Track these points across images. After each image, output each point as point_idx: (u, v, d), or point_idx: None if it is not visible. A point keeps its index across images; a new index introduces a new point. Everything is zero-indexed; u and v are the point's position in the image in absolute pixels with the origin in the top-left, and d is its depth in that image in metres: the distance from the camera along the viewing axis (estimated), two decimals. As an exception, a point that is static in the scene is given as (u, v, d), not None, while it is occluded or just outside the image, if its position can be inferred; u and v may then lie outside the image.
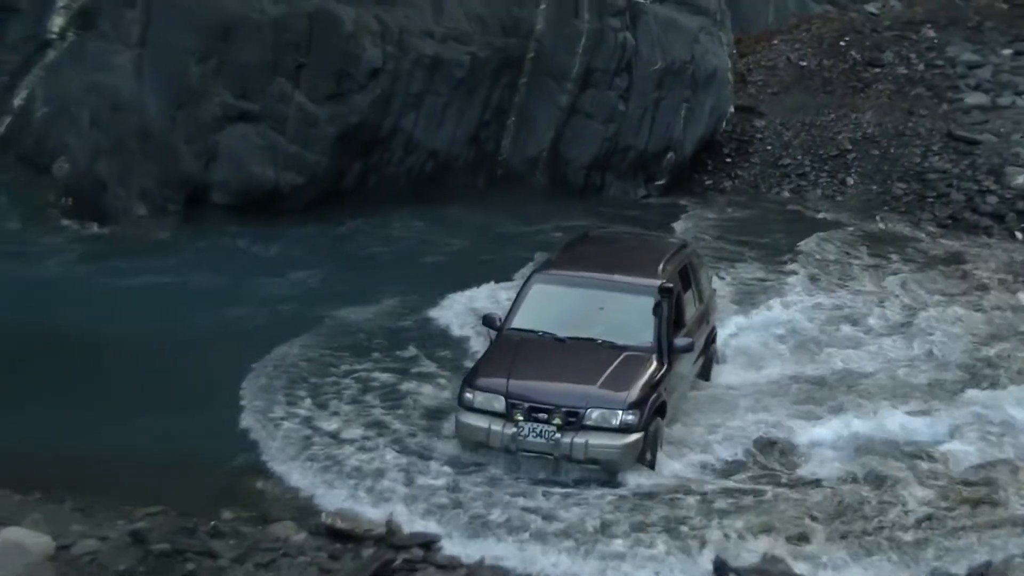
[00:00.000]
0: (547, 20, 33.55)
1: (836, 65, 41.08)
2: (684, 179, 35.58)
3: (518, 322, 18.29)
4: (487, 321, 18.41)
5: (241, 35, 31.04)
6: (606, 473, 16.50)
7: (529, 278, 19.49)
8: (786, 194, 35.25)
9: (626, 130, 34.40)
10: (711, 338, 21.66)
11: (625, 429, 16.04)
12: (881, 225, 33.09)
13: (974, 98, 38.55)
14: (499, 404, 16.25)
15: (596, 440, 15.97)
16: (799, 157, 36.14)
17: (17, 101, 32.56)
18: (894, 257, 30.60)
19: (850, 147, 36.61)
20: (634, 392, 16.43)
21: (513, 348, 17.74)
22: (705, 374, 21.18)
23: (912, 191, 34.47)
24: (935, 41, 41.82)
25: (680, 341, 17.93)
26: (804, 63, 41.07)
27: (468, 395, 16.64)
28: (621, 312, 17.96)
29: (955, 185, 34.56)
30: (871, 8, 44.93)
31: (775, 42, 42.27)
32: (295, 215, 31.40)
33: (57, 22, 32.57)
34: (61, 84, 32.17)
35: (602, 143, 34.79)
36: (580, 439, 15.90)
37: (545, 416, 16.04)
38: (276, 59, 31.27)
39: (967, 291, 28.00)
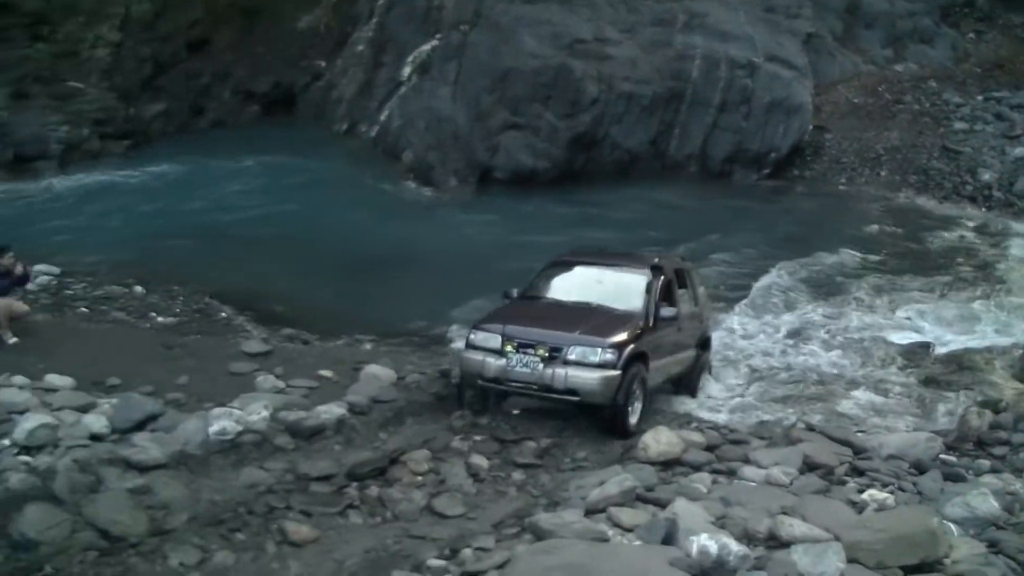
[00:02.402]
0: (699, 70, 38.01)
1: (876, 102, 44.37)
2: (781, 170, 39.00)
3: (530, 291, 17.28)
4: (506, 295, 17.30)
5: (514, 78, 36.41)
6: (584, 404, 15.03)
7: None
8: (843, 180, 39.20)
9: (746, 138, 38.36)
10: (703, 340, 19.31)
11: (604, 365, 14.70)
12: (903, 199, 37.40)
13: (959, 125, 41.74)
14: (495, 342, 15.18)
15: (576, 372, 14.64)
16: (851, 158, 40.25)
17: (382, 117, 39.44)
18: (911, 216, 35.20)
19: (883, 152, 40.60)
20: (615, 337, 15.12)
21: (519, 306, 16.82)
22: (690, 386, 18.78)
23: (921, 180, 38.69)
24: (936, 89, 45.23)
25: (665, 310, 16.46)
26: (856, 100, 44.49)
27: (472, 335, 15.61)
28: (619, 286, 16.76)
29: (947, 177, 38.66)
30: (898, 68, 47.67)
31: (838, 88, 45.36)
32: (544, 187, 35.74)
33: (406, 71, 39.63)
34: (408, 106, 38.62)
35: (732, 146, 38.75)
36: (561, 370, 14.64)
37: (532, 350, 14.88)
38: (534, 92, 36.17)
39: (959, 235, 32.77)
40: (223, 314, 21.30)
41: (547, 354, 14.94)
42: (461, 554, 9.94)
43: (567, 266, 17.97)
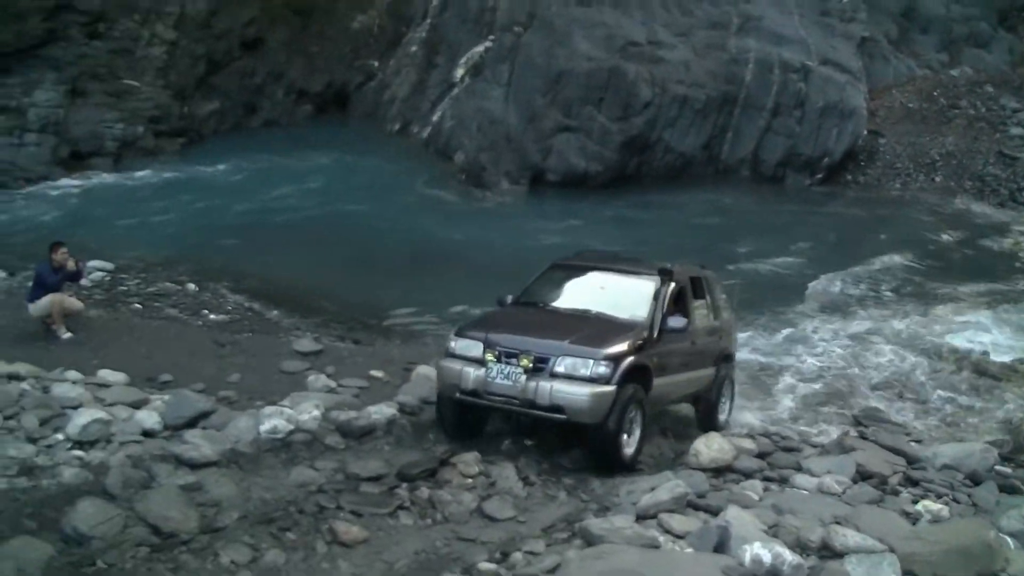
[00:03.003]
0: (752, 74, 37.98)
1: (931, 107, 44.18)
2: (834, 174, 38.87)
3: (525, 297, 15.48)
4: (499, 301, 15.60)
5: (567, 80, 36.49)
6: (571, 424, 13.11)
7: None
8: (897, 185, 39.02)
9: (800, 143, 38.22)
10: (723, 357, 17.00)
11: (596, 379, 12.83)
12: (959, 205, 37.06)
13: (1016, 130, 41.52)
14: (476, 350, 13.37)
15: (562, 386, 12.78)
16: (906, 163, 40.08)
17: (435, 117, 39.62)
18: (967, 222, 34.98)
19: (938, 158, 40.42)
20: (612, 348, 13.19)
21: (509, 313, 15.17)
22: (709, 412, 16.61)
23: (977, 186, 38.51)
24: (992, 94, 44.82)
25: (674, 320, 14.41)
26: (911, 105, 44.33)
27: (451, 343, 13.81)
28: (623, 293, 14.93)
29: (1003, 184, 38.46)
30: (954, 72, 47.49)
31: (893, 92, 45.33)
32: (596, 190, 35.77)
33: (459, 72, 39.83)
34: (460, 107, 38.80)
35: (784, 150, 38.72)
36: (545, 383, 12.81)
37: (515, 360, 13.06)
38: (587, 95, 36.24)
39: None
40: (274, 312, 21.34)
41: (532, 365, 13.04)
42: (511, 558, 9.84)
43: (567, 270, 16.17)
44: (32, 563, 8.94)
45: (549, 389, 12.89)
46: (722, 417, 16.85)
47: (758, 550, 8.81)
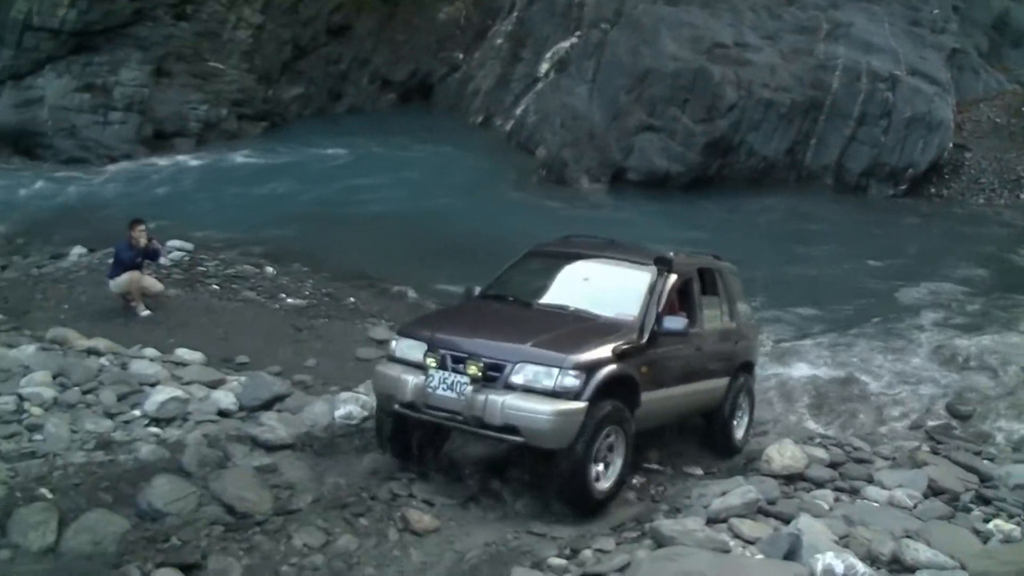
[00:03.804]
0: (840, 81, 37.48)
1: (1018, 122, 43.14)
2: (918, 187, 38.22)
3: (494, 289, 13.14)
4: (467, 293, 13.48)
5: (652, 79, 36.29)
6: (531, 449, 10.80)
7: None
8: (981, 200, 38.36)
9: (884, 153, 37.58)
10: (740, 367, 14.80)
11: (562, 393, 10.43)
12: None
13: None
14: (418, 353, 11.10)
15: (517, 401, 10.41)
16: (991, 178, 39.39)
17: (518, 111, 40.09)
18: None
19: (1023, 174, 39.79)
20: (585, 353, 10.73)
21: (465, 308, 13.11)
22: (723, 429, 14.46)
23: None
24: None
25: (671, 321, 11.99)
26: (998, 120, 43.36)
27: (394, 343, 11.72)
28: (610, 286, 12.57)
29: None
30: None
31: (980, 106, 44.32)
32: (676, 191, 35.63)
33: (544, 67, 40.34)
34: (544, 102, 39.00)
35: (869, 160, 37.82)
36: (496, 397, 10.45)
37: (463, 366, 10.73)
38: (672, 95, 36.01)
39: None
40: (351, 299, 21.30)
41: (482, 373, 10.60)
42: (581, 554, 9.79)
43: (547, 258, 13.73)
44: (108, 537, 9.11)
45: (500, 404, 10.39)
46: (739, 435, 14.81)
47: (830, 560, 8.65)
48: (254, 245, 24.84)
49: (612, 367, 10.97)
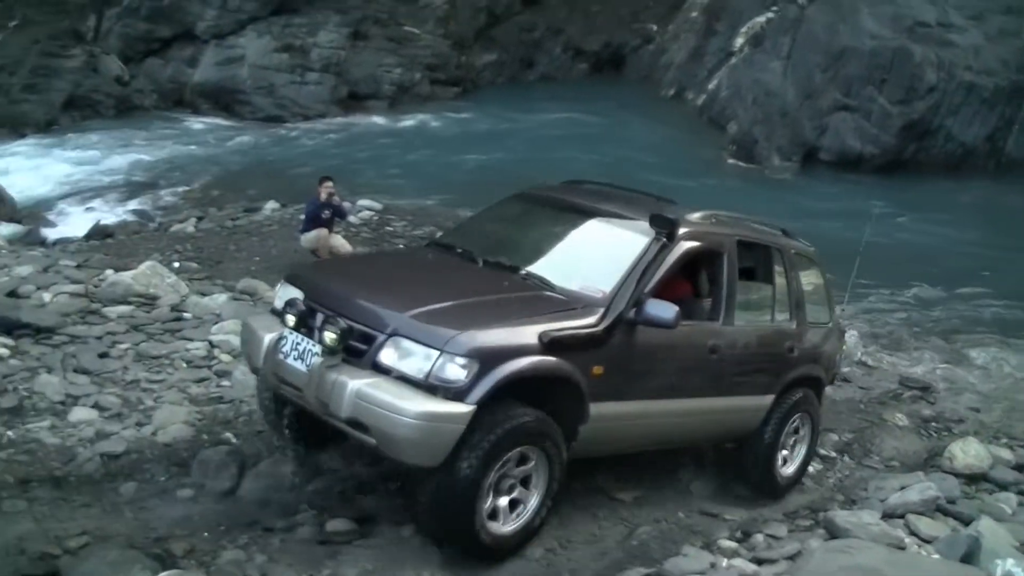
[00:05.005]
0: None
1: None
2: None
3: (450, 236, 10.62)
4: (429, 243, 10.87)
5: (849, 57, 35.55)
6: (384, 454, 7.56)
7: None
8: None
9: None
10: (796, 383, 10.97)
11: (438, 386, 7.25)
12: None
13: None
14: (297, 308, 8.03)
15: (373, 391, 7.27)
16: None
17: (710, 86, 39.59)
18: None
19: None
20: (486, 334, 7.46)
21: (392, 257, 11.61)
22: (760, 470, 10.88)
23: None
24: None
25: (656, 307, 8.42)
26: None
27: (277, 289, 9.12)
28: (590, 248, 9.37)
29: None
30: None
31: None
32: (868, 174, 34.83)
33: (738, 42, 39.55)
34: (737, 77, 38.58)
35: None
36: (347, 378, 7.37)
37: (324, 330, 7.69)
38: (869, 74, 35.20)
39: None
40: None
41: (340, 342, 7.58)
42: (752, 538, 9.64)
43: (529, 204, 10.47)
44: (284, 484, 9.34)
45: (349, 390, 7.35)
46: (786, 471, 11.26)
47: (1011, 567, 8.49)
48: (441, 207, 25.11)
49: (531, 360, 7.65)
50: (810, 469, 11.92)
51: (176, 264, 17.13)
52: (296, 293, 8.26)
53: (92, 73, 36.34)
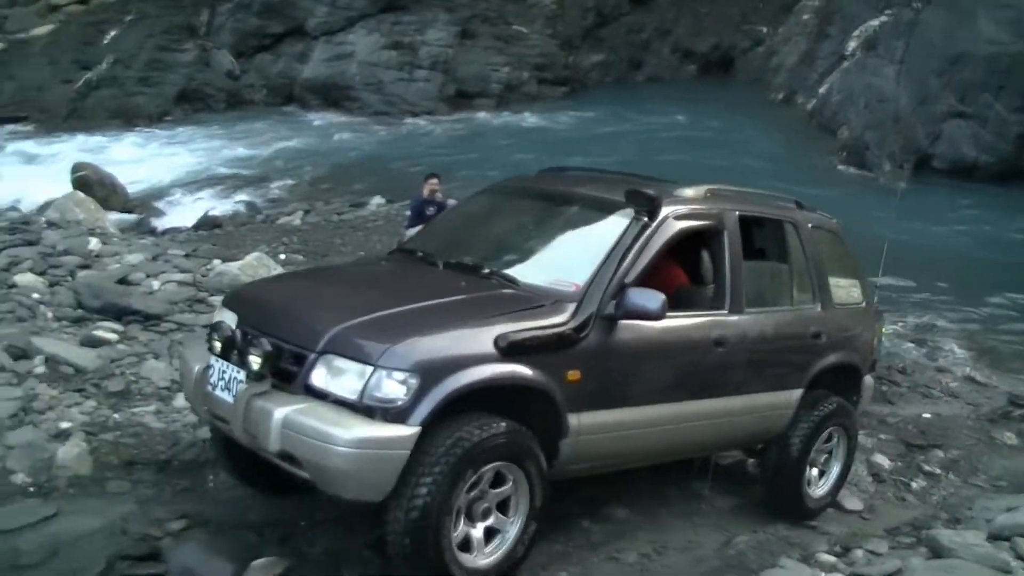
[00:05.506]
0: None
1: None
2: None
3: (414, 240, 9.74)
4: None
5: (965, 63, 34.83)
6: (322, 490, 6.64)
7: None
8: None
9: None
10: (825, 375, 9.80)
11: (375, 409, 6.34)
12: None
13: None
14: (222, 332, 7.19)
15: (300, 417, 6.39)
16: None
17: (822, 90, 38.91)
18: None
19: None
20: (425, 343, 6.53)
21: (344, 268, 10.76)
22: (784, 482, 9.78)
23: None
24: None
25: (640, 295, 7.33)
26: None
27: (214, 313, 8.19)
28: (563, 237, 8.62)
29: None
30: None
31: None
32: (983, 183, 34.02)
33: (851, 45, 38.65)
34: (849, 82, 37.82)
35: None
36: (272, 406, 6.50)
37: (249, 353, 6.85)
38: (986, 80, 34.35)
39: None
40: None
41: (266, 366, 6.78)
42: (852, 553, 9.42)
43: (499, 197, 9.74)
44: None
45: (274, 419, 6.47)
46: (817, 492, 10.26)
47: (1121, 597, 8.22)
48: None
49: (485, 368, 6.73)
50: (914, 485, 11.65)
51: (282, 256, 17.65)
52: (231, 316, 7.38)
53: (204, 67, 37.55)
